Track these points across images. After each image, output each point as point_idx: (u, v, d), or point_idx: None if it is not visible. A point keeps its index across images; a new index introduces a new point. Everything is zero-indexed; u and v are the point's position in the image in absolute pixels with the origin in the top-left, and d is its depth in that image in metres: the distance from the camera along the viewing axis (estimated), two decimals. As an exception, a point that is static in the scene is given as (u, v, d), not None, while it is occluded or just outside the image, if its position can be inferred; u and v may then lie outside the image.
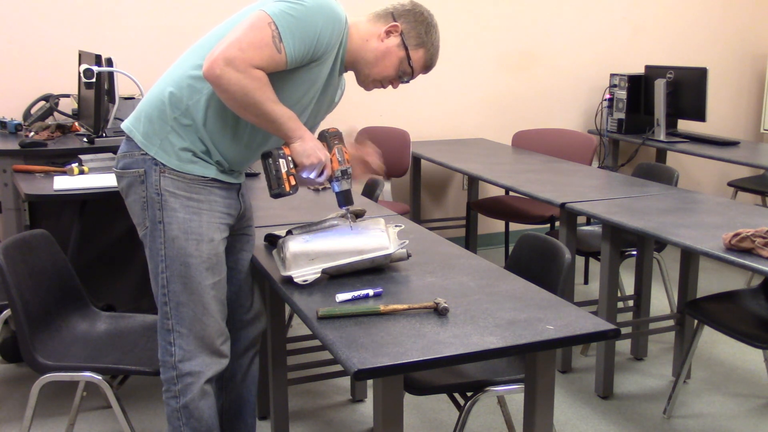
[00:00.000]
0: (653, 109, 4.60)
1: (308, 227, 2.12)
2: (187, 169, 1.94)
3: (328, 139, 2.03)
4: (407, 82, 2.11)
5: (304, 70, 1.92)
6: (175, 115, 1.93)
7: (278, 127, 1.90)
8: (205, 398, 2.05)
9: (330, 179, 2.03)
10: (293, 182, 1.95)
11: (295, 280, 1.97)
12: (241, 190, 2.12)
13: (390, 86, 2.10)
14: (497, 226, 4.98)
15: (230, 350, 2.11)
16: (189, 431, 2.06)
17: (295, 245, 2.00)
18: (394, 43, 2.01)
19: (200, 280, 1.97)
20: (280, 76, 1.89)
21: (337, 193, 2.06)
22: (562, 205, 3.00)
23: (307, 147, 1.93)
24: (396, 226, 2.20)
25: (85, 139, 3.43)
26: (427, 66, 2.09)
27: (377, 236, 2.05)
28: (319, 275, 1.99)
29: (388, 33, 2.01)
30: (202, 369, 2.02)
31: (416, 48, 2.03)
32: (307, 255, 1.99)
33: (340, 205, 2.08)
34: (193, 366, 2.01)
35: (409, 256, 2.13)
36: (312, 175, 1.99)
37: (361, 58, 2.02)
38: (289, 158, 1.94)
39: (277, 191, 1.95)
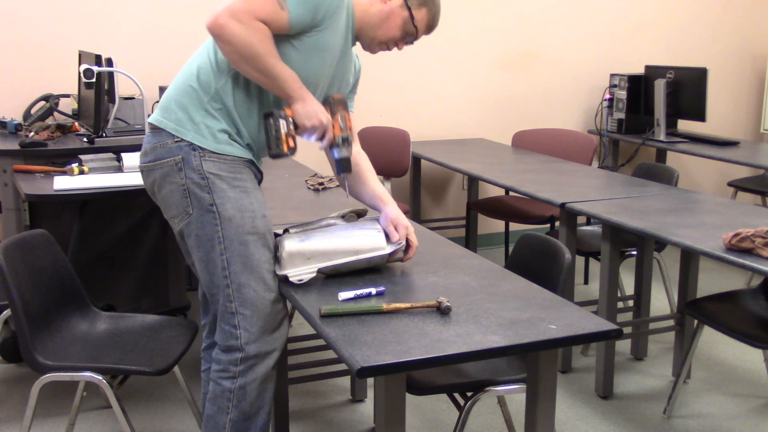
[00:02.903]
0: (653, 109, 4.60)
1: (305, 226, 2.12)
2: (226, 150, 1.98)
3: (333, 104, 2.04)
4: (411, 43, 2.15)
5: (310, 37, 1.96)
6: (206, 99, 1.97)
7: (280, 84, 1.93)
8: (267, 380, 2.04)
9: (330, 145, 2.04)
10: (292, 144, 1.96)
11: (291, 279, 1.96)
12: (261, 183, 2.16)
13: (396, 48, 2.14)
14: (497, 226, 4.98)
15: None
16: (237, 413, 2.02)
17: (290, 244, 1.99)
18: (397, 4, 2.06)
19: (259, 257, 1.98)
20: (288, 47, 1.94)
21: (336, 160, 2.06)
22: (562, 205, 3.00)
23: (309, 109, 1.96)
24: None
25: (85, 139, 3.42)
26: (430, 26, 2.14)
27: (374, 236, 2.05)
28: (314, 275, 1.98)
29: None
30: (268, 349, 2.02)
31: (419, 7, 2.08)
32: (302, 254, 1.99)
33: (338, 172, 2.08)
34: (259, 347, 2.01)
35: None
36: (312, 139, 2.01)
37: (366, 23, 2.07)
38: (290, 119, 1.95)
39: (275, 151, 1.97)
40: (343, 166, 2.06)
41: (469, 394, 2.11)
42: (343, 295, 1.86)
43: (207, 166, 1.96)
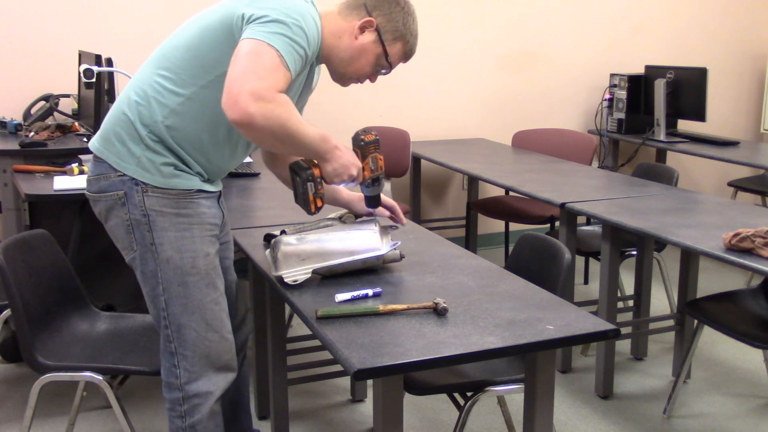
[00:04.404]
0: (653, 109, 4.60)
1: (302, 227, 2.12)
2: (171, 184, 1.86)
3: (363, 147, 1.96)
4: (386, 74, 2.02)
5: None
6: (145, 132, 1.84)
7: (311, 150, 1.80)
8: (213, 418, 2.00)
9: (361, 184, 2.00)
10: (320, 204, 1.91)
11: (286, 280, 1.96)
12: (221, 197, 2.06)
13: (368, 81, 2.01)
14: (497, 226, 4.98)
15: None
16: None
17: (286, 245, 1.99)
18: (370, 40, 1.90)
19: (201, 298, 1.91)
20: None
21: (366, 197, 2.05)
22: (562, 205, 3.00)
23: (337, 167, 1.85)
24: (390, 227, 2.19)
25: (85, 139, 3.43)
26: (407, 57, 1.99)
27: (369, 237, 2.04)
28: (309, 275, 1.98)
29: (363, 29, 1.89)
30: (210, 388, 1.97)
31: (394, 42, 1.92)
32: (298, 255, 1.98)
33: (367, 206, 2.08)
34: (200, 387, 1.96)
35: (402, 257, 2.12)
36: (342, 185, 1.95)
37: (334, 56, 1.91)
38: (318, 180, 1.87)
39: (302, 207, 1.92)
40: (373, 203, 2.05)
41: (468, 394, 2.11)
42: (340, 296, 1.86)
43: (149, 202, 1.84)
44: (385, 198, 2.17)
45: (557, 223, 3.51)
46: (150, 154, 1.85)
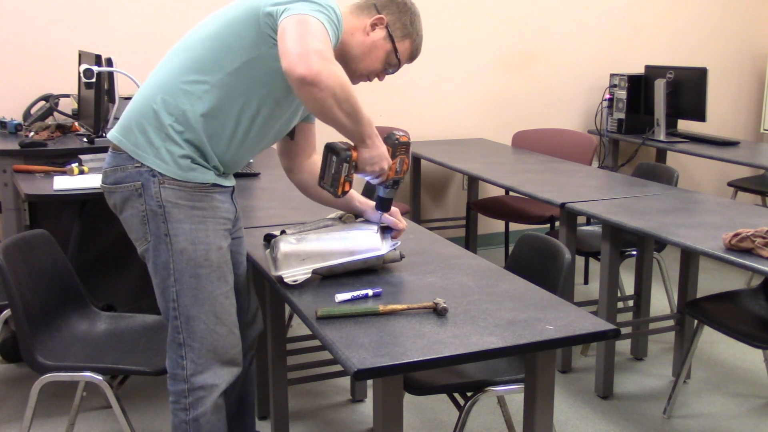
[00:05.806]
0: (653, 109, 4.60)
1: (302, 227, 2.12)
2: (188, 177, 1.89)
3: (396, 147, 1.96)
4: (393, 73, 2.08)
5: None
6: (169, 122, 1.86)
7: (360, 127, 1.80)
8: (217, 412, 2.00)
9: (381, 183, 2.00)
10: (347, 188, 1.90)
11: (285, 280, 1.96)
12: (234, 193, 2.08)
13: (376, 79, 2.06)
14: (497, 226, 4.98)
15: None
16: None
17: (285, 245, 1.99)
18: (380, 36, 1.98)
19: (211, 290, 1.93)
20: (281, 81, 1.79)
21: (379, 197, 2.03)
22: (562, 205, 3.00)
23: (375, 155, 1.87)
24: (390, 231, 2.18)
25: (85, 139, 3.43)
26: (413, 57, 2.07)
27: (369, 237, 2.04)
28: (309, 275, 1.98)
29: (374, 26, 1.97)
30: (216, 381, 1.98)
31: (402, 39, 2.00)
32: (298, 255, 1.98)
33: (377, 208, 2.06)
34: (205, 379, 1.97)
35: (402, 257, 2.11)
36: (368, 178, 1.97)
37: (347, 53, 1.97)
38: (353, 164, 1.88)
39: (328, 189, 1.92)
40: (385, 206, 2.04)
41: (468, 394, 2.12)
42: (340, 296, 1.86)
43: (165, 194, 1.87)
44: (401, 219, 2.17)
45: (557, 223, 3.51)
46: (170, 145, 1.87)
